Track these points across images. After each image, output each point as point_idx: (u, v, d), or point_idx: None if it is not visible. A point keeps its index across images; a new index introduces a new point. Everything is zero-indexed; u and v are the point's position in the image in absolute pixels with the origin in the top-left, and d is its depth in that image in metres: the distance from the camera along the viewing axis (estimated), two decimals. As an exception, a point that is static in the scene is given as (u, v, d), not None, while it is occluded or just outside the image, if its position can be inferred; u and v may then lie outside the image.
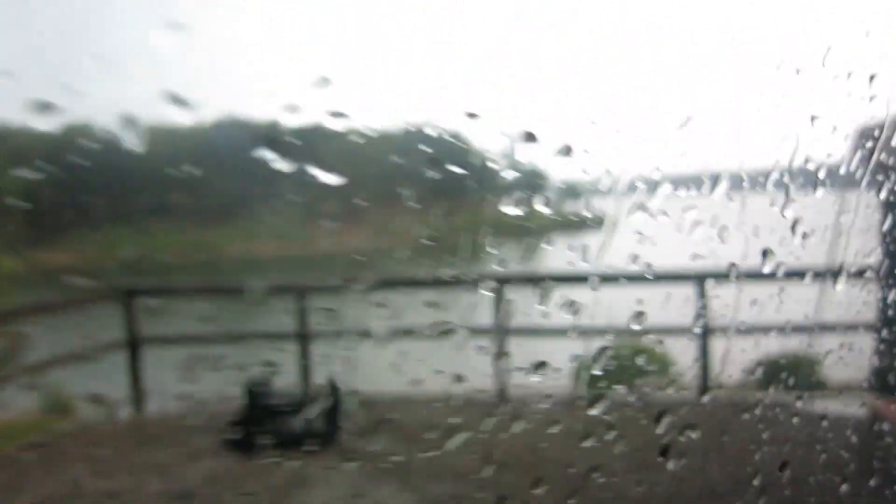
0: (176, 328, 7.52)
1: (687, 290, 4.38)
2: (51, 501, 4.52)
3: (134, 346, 6.64)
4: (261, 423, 5.40)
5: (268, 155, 1.90)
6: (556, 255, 2.89)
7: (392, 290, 2.86)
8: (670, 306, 3.66)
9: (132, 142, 1.76)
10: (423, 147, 2.37)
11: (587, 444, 4.50)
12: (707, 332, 4.74)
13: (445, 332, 6.01)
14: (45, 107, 1.38)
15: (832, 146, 2.68)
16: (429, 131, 2.40)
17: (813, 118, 2.49)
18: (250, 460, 5.02)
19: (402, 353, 5.62)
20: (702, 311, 4.70)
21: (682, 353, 4.71)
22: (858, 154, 2.84)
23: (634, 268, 3.09)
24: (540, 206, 2.63)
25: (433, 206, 2.44)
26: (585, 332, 6.09)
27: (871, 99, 2.63)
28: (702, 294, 4.48)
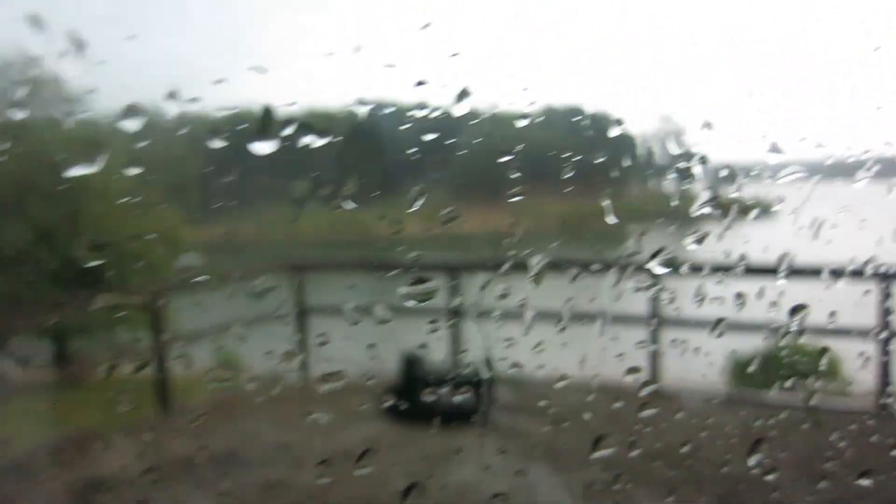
0: (339, 300, 7.91)
1: (863, 289, 3.98)
2: (230, 448, 4.93)
3: (301, 314, 7.06)
4: (415, 393, 5.56)
5: (416, 135, 1.95)
6: (714, 242, 2.74)
7: (543, 271, 2.83)
8: (843, 304, 3.35)
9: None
10: (575, 128, 2.33)
11: (735, 442, 4.26)
12: (891, 336, 4.30)
13: (596, 317, 5.88)
14: (194, 99, 1.51)
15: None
16: (582, 112, 2.35)
17: None
18: (404, 428, 5.21)
19: (553, 337, 5.56)
20: (887, 312, 4.27)
21: (855, 357, 4.30)
22: None
23: (801, 261, 2.87)
24: (696, 190, 2.50)
25: (584, 187, 2.40)
26: (746, 327, 5.73)
27: None
28: (886, 293, 4.06)
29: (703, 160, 2.62)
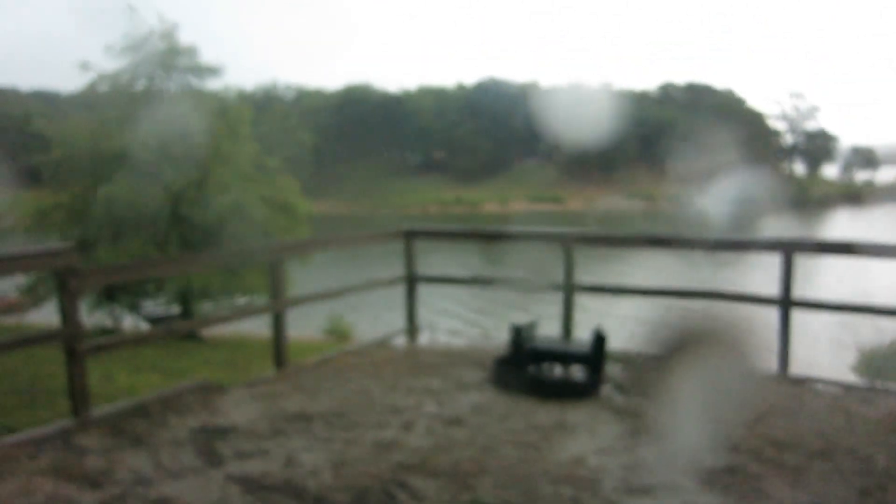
0: (446, 271, 7.96)
1: None
2: (343, 405, 5.08)
3: (410, 282, 7.12)
4: (524, 365, 5.54)
5: (525, 116, 1.91)
6: (843, 226, 2.56)
7: (651, 248, 2.73)
8: None
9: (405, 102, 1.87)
10: (696, 105, 2.22)
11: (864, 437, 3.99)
12: None
13: (711, 296, 5.63)
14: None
15: None
16: (705, 89, 2.24)
17: None
18: (513, 398, 5.21)
19: (668, 311, 5.37)
20: None
21: None
22: None
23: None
24: (826, 172, 2.34)
25: (698, 165, 2.29)
26: (881, 313, 5.35)
27: None
28: None
29: (833, 140, 2.43)
